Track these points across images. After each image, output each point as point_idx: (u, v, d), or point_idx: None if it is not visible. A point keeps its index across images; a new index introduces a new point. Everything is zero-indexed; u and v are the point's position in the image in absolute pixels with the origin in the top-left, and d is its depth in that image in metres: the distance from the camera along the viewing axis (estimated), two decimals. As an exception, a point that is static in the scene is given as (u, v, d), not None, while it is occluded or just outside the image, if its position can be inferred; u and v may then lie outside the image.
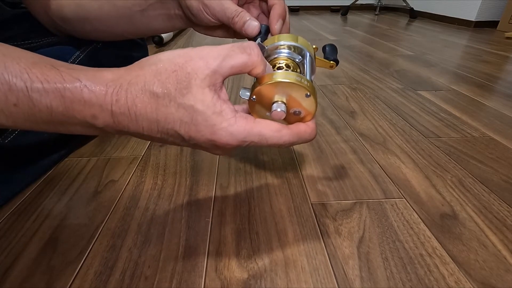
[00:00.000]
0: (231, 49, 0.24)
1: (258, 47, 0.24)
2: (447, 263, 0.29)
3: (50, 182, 0.41)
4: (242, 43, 0.24)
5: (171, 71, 0.23)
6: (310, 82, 0.27)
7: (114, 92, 0.22)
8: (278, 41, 0.29)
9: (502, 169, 0.44)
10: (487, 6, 1.94)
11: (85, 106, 0.22)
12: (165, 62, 0.23)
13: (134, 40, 0.62)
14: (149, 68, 0.23)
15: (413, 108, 0.66)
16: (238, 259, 0.30)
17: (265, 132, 0.25)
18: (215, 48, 0.24)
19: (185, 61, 0.23)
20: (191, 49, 0.24)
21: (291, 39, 0.30)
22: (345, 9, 2.64)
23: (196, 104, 0.23)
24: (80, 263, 0.29)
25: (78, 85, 0.22)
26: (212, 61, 0.23)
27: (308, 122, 0.28)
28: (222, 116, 0.24)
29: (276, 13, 0.33)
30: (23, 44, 0.43)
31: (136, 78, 0.23)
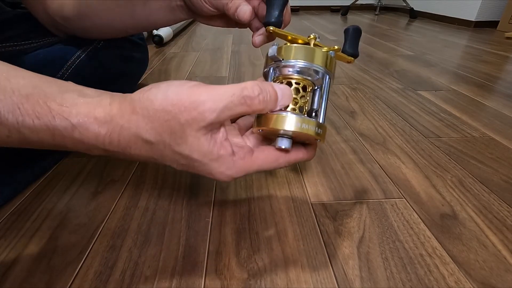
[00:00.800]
0: (230, 100, 0.22)
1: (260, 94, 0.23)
2: (447, 263, 0.29)
3: (50, 182, 0.41)
4: (244, 89, 0.23)
5: (164, 120, 0.22)
6: (322, 125, 0.26)
7: (106, 135, 0.22)
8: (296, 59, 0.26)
9: (502, 169, 0.44)
10: (487, 6, 1.94)
11: (77, 143, 0.22)
12: (157, 108, 0.22)
13: (134, 40, 0.62)
14: (141, 112, 0.22)
15: (413, 108, 0.66)
16: (238, 259, 0.30)
17: (264, 165, 0.27)
18: (213, 95, 0.22)
19: (178, 111, 0.22)
20: (187, 94, 0.22)
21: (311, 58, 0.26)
22: (345, 9, 2.64)
23: (192, 153, 0.23)
24: (80, 263, 0.29)
25: (69, 126, 0.22)
26: (208, 114, 0.22)
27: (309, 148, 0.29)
28: (220, 161, 0.24)
29: None
30: (23, 44, 0.43)
31: (129, 123, 0.22)
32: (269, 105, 0.24)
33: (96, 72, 0.50)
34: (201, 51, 1.19)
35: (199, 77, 0.86)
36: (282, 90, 0.25)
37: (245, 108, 0.23)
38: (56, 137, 0.22)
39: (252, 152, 0.26)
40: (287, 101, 0.25)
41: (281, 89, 0.25)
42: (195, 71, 0.92)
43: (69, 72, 0.45)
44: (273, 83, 0.25)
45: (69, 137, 0.22)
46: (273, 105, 0.24)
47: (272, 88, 0.24)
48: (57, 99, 0.22)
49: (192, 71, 0.92)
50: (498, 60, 1.10)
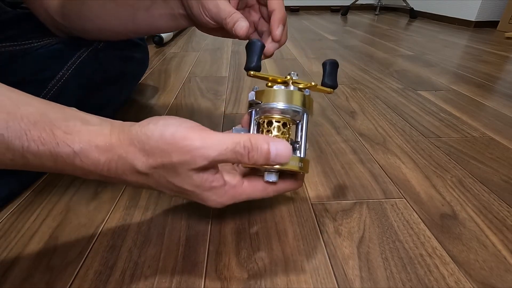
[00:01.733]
0: (221, 153, 0.23)
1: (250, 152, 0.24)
2: (447, 263, 0.29)
3: (50, 182, 0.41)
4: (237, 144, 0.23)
5: (159, 156, 0.23)
6: (304, 159, 0.28)
7: (105, 163, 0.24)
8: (276, 101, 0.28)
9: (502, 169, 0.44)
10: (487, 6, 1.94)
11: (76, 168, 0.24)
12: (153, 144, 0.23)
13: (134, 40, 0.62)
14: (138, 146, 0.23)
15: (413, 108, 0.66)
16: (238, 259, 0.30)
17: (252, 194, 0.28)
18: (206, 144, 0.23)
19: (172, 151, 0.23)
20: (181, 137, 0.23)
21: (289, 99, 0.29)
22: (345, 9, 2.64)
23: (184, 185, 0.25)
24: (80, 263, 0.29)
25: (71, 153, 0.23)
26: (200, 160, 0.23)
27: (297, 178, 0.31)
28: (212, 191, 0.26)
29: (276, 19, 0.33)
30: (23, 44, 0.43)
31: (126, 154, 0.24)
32: (259, 162, 0.24)
33: (97, 72, 0.50)
34: (201, 51, 1.19)
35: (199, 77, 0.86)
36: (278, 149, 0.24)
37: (235, 161, 0.24)
38: (58, 163, 0.23)
39: (243, 182, 0.28)
40: (281, 160, 0.25)
41: (276, 147, 0.24)
42: (195, 71, 0.92)
43: (69, 73, 0.45)
44: (271, 140, 0.24)
45: (70, 164, 0.23)
46: (264, 162, 0.24)
47: (266, 146, 0.24)
48: (62, 127, 0.23)
49: (192, 71, 0.92)
50: (498, 60, 1.10)
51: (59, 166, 0.23)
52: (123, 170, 0.24)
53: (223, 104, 0.67)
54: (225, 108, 0.66)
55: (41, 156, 0.22)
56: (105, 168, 0.24)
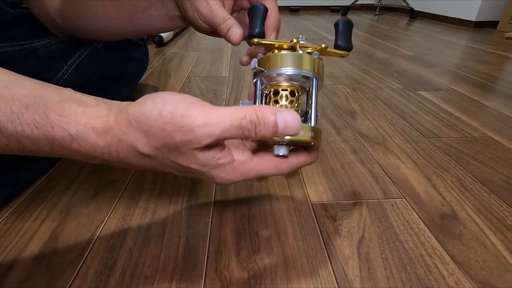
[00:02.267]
0: (227, 129, 0.22)
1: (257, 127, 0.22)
2: (447, 263, 0.29)
3: (50, 182, 0.41)
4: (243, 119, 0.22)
5: (160, 137, 0.22)
6: (315, 128, 0.25)
7: (105, 146, 0.23)
8: (281, 67, 0.26)
9: (502, 169, 0.44)
10: (487, 6, 1.94)
11: (76, 153, 0.23)
12: (152, 124, 0.22)
13: (134, 40, 0.62)
14: (137, 126, 0.22)
15: (413, 108, 0.66)
16: (238, 259, 0.30)
17: (264, 172, 0.27)
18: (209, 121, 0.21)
19: (173, 130, 0.21)
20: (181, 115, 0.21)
21: (296, 64, 0.26)
22: (345, 9, 2.64)
23: (190, 164, 0.23)
24: (80, 263, 0.29)
25: (68, 137, 0.22)
26: (204, 139, 0.22)
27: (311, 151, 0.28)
28: (219, 169, 0.24)
29: (270, 25, 0.32)
30: (23, 44, 0.43)
31: (126, 136, 0.22)
32: (267, 135, 0.23)
33: (97, 72, 0.50)
34: (201, 51, 1.19)
35: (199, 77, 0.86)
36: (285, 120, 0.23)
37: (242, 136, 0.23)
38: (55, 147, 0.22)
39: (252, 158, 0.26)
40: (290, 132, 0.23)
41: (284, 119, 0.23)
42: (195, 71, 0.92)
43: (69, 72, 0.45)
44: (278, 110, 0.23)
45: (68, 148, 0.22)
46: (271, 135, 0.23)
47: (273, 119, 0.22)
48: (56, 109, 0.22)
49: (192, 71, 0.92)
50: (498, 60, 1.10)
51: (57, 151, 0.22)
52: (124, 153, 0.23)
53: (223, 104, 0.67)
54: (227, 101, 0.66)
55: (36, 140, 0.21)
56: (106, 152, 0.23)
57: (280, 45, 0.28)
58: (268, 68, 0.26)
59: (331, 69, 0.95)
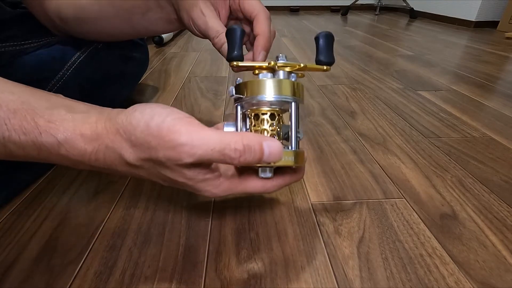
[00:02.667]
0: (208, 153, 0.21)
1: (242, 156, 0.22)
2: (447, 263, 0.29)
3: (50, 182, 0.41)
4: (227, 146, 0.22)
5: (145, 148, 0.22)
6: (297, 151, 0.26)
7: (92, 152, 0.23)
8: (259, 94, 0.26)
9: (502, 169, 0.44)
10: (487, 6, 1.94)
11: (63, 159, 0.23)
12: (138, 136, 0.22)
13: (134, 40, 0.62)
14: (124, 136, 0.22)
15: (413, 108, 0.66)
16: (238, 259, 0.30)
17: (249, 189, 0.27)
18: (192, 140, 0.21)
19: (157, 144, 0.21)
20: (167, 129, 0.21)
21: (274, 90, 0.26)
22: (345, 9, 2.64)
23: (176, 177, 0.24)
24: (80, 263, 0.29)
25: (55, 143, 0.22)
26: (185, 157, 0.21)
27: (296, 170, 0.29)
28: (206, 182, 0.25)
29: (259, 45, 0.32)
30: (23, 44, 0.43)
31: (113, 143, 0.22)
32: (252, 163, 0.23)
33: (97, 72, 0.50)
34: (201, 51, 1.19)
35: (199, 77, 0.86)
36: (271, 149, 0.23)
37: (224, 162, 0.23)
38: (42, 153, 0.22)
39: (239, 175, 0.27)
40: (274, 159, 0.23)
41: (270, 148, 0.23)
42: (195, 71, 0.92)
43: (69, 73, 0.45)
44: (264, 139, 0.23)
45: (55, 154, 0.22)
46: (255, 163, 0.23)
47: (259, 148, 0.22)
48: (45, 115, 0.22)
49: (192, 71, 0.92)
50: (498, 60, 1.10)
51: (44, 156, 0.22)
52: (111, 161, 0.23)
53: (223, 104, 0.67)
54: (225, 108, 0.66)
55: (23, 146, 0.21)
56: (93, 158, 0.23)
57: (259, 66, 0.28)
58: (246, 94, 0.26)
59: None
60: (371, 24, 2.09)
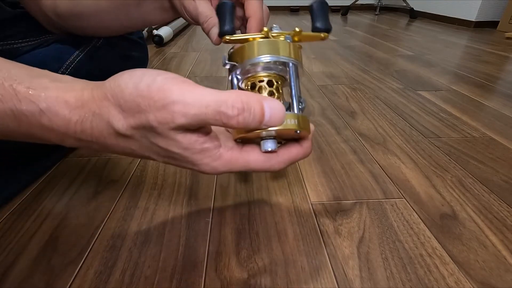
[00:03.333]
0: (202, 111, 0.19)
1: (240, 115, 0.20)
2: (447, 263, 0.29)
3: (50, 182, 0.41)
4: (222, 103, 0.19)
5: (135, 112, 0.20)
6: (299, 115, 0.24)
7: (78, 122, 0.21)
8: (257, 56, 0.24)
9: (502, 169, 0.44)
10: (487, 6, 1.94)
11: (46, 131, 0.21)
12: (127, 98, 0.20)
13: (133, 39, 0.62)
14: (113, 100, 0.20)
15: (413, 108, 0.66)
16: (238, 259, 0.30)
17: (252, 163, 0.24)
18: (184, 98, 0.19)
19: (147, 104, 0.19)
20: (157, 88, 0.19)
21: (273, 50, 0.25)
22: (345, 9, 2.64)
23: (170, 147, 0.21)
24: (80, 263, 0.29)
25: (36, 111, 0.20)
26: (178, 117, 0.19)
27: (301, 143, 0.26)
28: (204, 153, 0.22)
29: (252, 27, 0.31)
30: (21, 42, 0.43)
31: (100, 109, 0.20)
32: (251, 126, 0.20)
33: (95, 71, 0.50)
34: (201, 51, 1.19)
35: (199, 77, 0.86)
36: (272, 110, 0.21)
37: (219, 123, 0.20)
38: (22, 124, 0.20)
39: (241, 146, 0.24)
40: (275, 123, 0.21)
41: (270, 109, 0.20)
42: (195, 71, 0.92)
43: (68, 72, 0.45)
44: (264, 99, 0.21)
45: (37, 124, 0.20)
46: (256, 126, 0.21)
47: (260, 107, 0.20)
48: (25, 82, 0.20)
49: (192, 71, 0.91)
50: (498, 60, 1.10)
51: (25, 128, 0.21)
52: (99, 131, 0.21)
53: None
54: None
55: (1, 116, 0.20)
56: (79, 129, 0.21)
57: (253, 38, 0.27)
58: (240, 61, 0.25)
59: (331, 69, 0.95)
60: (371, 24, 2.09)
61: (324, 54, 1.16)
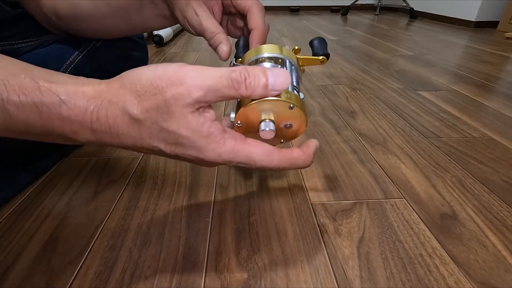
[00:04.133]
0: (218, 80, 0.22)
1: (247, 79, 0.22)
2: (447, 263, 0.29)
3: (50, 182, 0.41)
4: (233, 72, 0.22)
5: (151, 94, 0.22)
6: (291, 92, 0.26)
7: (94, 110, 0.22)
8: (257, 55, 0.29)
9: (502, 169, 0.44)
10: (487, 6, 1.94)
11: (64, 122, 0.22)
12: (145, 83, 0.22)
13: (134, 39, 0.62)
14: (129, 87, 0.22)
15: (413, 108, 0.66)
16: (238, 259, 0.30)
17: (254, 154, 0.25)
18: (202, 73, 0.22)
19: (165, 84, 0.21)
20: (173, 70, 0.22)
21: (271, 50, 0.29)
22: (345, 9, 2.64)
23: (179, 129, 0.23)
24: (80, 263, 0.29)
25: (57, 101, 0.21)
26: (195, 90, 0.21)
27: (303, 148, 0.27)
28: (210, 138, 0.23)
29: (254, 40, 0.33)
30: (21, 43, 0.43)
31: (117, 97, 0.22)
32: (257, 91, 0.23)
33: (95, 71, 0.50)
34: (201, 51, 1.19)
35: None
36: (275, 74, 0.23)
37: (232, 92, 0.22)
38: (44, 115, 0.21)
39: (245, 138, 0.25)
40: (281, 86, 0.23)
41: (273, 73, 0.23)
42: (195, 71, 0.92)
43: (68, 72, 0.45)
44: (266, 68, 0.23)
45: (57, 114, 0.21)
46: (262, 92, 0.23)
47: (263, 73, 0.23)
48: (46, 77, 0.22)
49: (192, 71, 0.91)
50: (498, 60, 1.10)
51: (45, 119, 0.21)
52: (113, 118, 0.22)
53: (223, 104, 0.67)
54: (225, 108, 0.66)
55: (24, 107, 0.21)
56: (94, 117, 0.22)
57: None
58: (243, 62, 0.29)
59: (331, 69, 0.95)
60: (371, 24, 2.09)
61: (324, 54, 1.15)
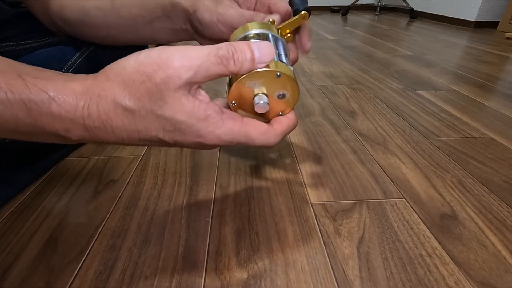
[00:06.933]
0: (206, 59, 0.22)
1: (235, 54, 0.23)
2: (447, 263, 0.29)
3: (50, 182, 0.41)
4: (219, 49, 0.22)
5: (139, 82, 0.21)
6: (277, 62, 0.26)
7: (84, 106, 0.21)
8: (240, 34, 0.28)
9: (502, 169, 0.44)
10: (487, 6, 1.94)
11: (55, 120, 0.21)
12: (130, 72, 0.21)
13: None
14: (115, 79, 0.22)
15: (413, 108, 0.66)
16: (238, 259, 0.30)
17: (252, 134, 0.25)
18: (187, 54, 0.21)
19: (152, 70, 0.21)
20: (157, 53, 0.21)
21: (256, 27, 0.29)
22: (345, 9, 2.64)
23: (175, 114, 0.22)
24: (80, 263, 0.29)
25: (45, 98, 0.20)
26: (184, 71, 0.21)
27: (288, 115, 0.28)
28: (208, 121, 0.23)
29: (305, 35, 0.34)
30: (22, 44, 0.43)
31: (105, 91, 0.21)
32: (245, 65, 0.23)
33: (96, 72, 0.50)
34: (201, 51, 1.18)
35: (199, 77, 0.86)
36: (259, 47, 0.23)
37: (222, 69, 0.22)
38: (33, 113, 0.21)
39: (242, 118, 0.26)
40: (267, 58, 0.23)
41: (258, 46, 0.23)
42: (195, 71, 0.92)
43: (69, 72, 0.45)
44: (250, 42, 0.23)
45: (47, 112, 0.21)
46: (250, 65, 0.23)
47: (248, 47, 0.23)
48: (33, 74, 0.21)
49: (192, 71, 0.91)
50: (498, 60, 1.10)
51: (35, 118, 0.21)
52: (106, 113, 0.22)
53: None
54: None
55: (12, 105, 0.20)
56: (86, 113, 0.21)
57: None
58: None
59: (331, 69, 0.95)
60: (371, 24, 2.09)
61: (324, 54, 1.16)
